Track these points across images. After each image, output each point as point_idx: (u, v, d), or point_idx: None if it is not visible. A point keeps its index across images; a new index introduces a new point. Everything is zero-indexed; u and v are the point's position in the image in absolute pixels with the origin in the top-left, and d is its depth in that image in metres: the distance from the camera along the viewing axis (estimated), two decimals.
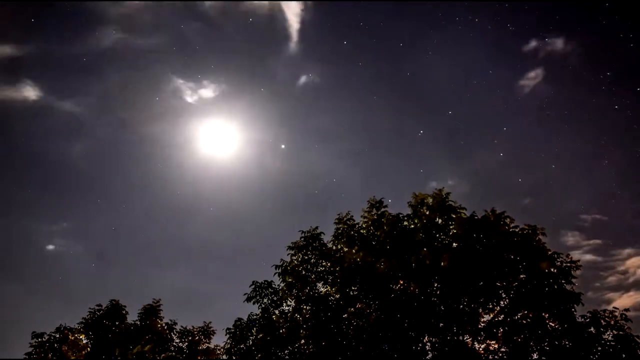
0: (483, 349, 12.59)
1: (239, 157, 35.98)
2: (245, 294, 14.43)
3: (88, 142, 38.50)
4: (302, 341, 13.50)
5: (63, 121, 37.58)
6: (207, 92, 36.03)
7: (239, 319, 14.24)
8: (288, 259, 14.67)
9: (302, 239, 14.79)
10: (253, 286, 14.51)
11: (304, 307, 13.90)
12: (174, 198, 38.49)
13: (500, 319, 12.52)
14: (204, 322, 19.49)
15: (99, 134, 38.18)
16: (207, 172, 36.85)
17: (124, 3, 32.88)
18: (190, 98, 36.28)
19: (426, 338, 12.76)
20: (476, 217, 13.44)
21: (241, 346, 13.82)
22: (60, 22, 33.94)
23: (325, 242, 14.77)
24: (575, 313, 11.98)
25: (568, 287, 12.27)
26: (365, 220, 14.55)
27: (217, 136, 35.19)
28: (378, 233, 13.97)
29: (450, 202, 13.78)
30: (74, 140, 38.42)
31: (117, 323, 18.35)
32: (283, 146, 36.21)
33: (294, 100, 38.03)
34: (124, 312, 18.73)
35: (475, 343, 12.53)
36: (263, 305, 14.32)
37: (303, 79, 37.04)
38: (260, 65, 36.86)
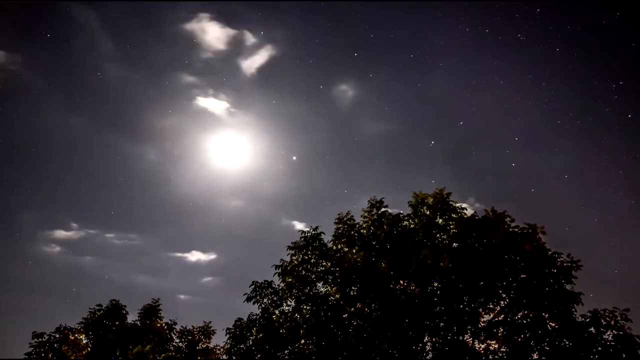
0: (483, 349, 12.59)
1: (251, 169, 36.31)
2: (245, 294, 14.45)
3: (98, 153, 38.68)
4: (302, 341, 13.51)
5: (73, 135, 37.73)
6: (220, 103, 36.17)
7: (239, 319, 14.22)
8: (288, 259, 14.68)
9: (302, 239, 14.79)
10: (253, 286, 14.51)
11: (304, 307, 13.90)
12: (188, 209, 38.73)
13: (500, 318, 12.52)
14: (204, 322, 19.55)
15: (108, 144, 38.32)
16: (220, 184, 37.20)
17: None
18: (202, 109, 36.47)
19: (426, 338, 12.76)
20: (477, 217, 13.44)
21: (241, 346, 13.81)
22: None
23: (325, 242, 14.77)
24: (575, 313, 11.98)
25: (568, 287, 12.27)
26: (365, 220, 14.54)
27: (229, 148, 35.48)
28: (378, 233, 13.96)
29: (450, 202, 13.78)
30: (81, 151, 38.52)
31: (117, 323, 18.36)
32: (294, 157, 36.39)
33: (305, 111, 38.12)
34: (124, 312, 18.74)
35: (475, 343, 12.53)
36: (263, 305, 14.31)
37: (314, 90, 37.09)
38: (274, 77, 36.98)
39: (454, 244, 13.35)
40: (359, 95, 37.77)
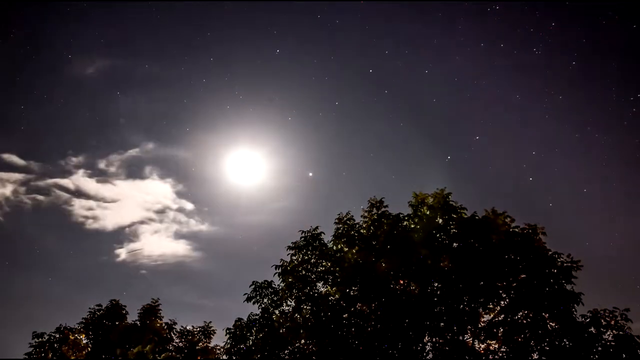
0: (483, 349, 12.59)
1: (267, 185, 36.51)
2: (245, 294, 14.44)
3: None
4: (302, 341, 13.51)
5: None
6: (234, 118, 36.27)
7: (239, 319, 14.22)
8: (288, 259, 14.67)
9: (302, 239, 14.77)
10: (253, 286, 14.50)
11: (304, 307, 13.89)
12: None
13: (500, 318, 12.52)
14: (204, 321, 19.54)
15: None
16: (237, 200, 37.36)
17: None
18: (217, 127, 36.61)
19: (426, 338, 12.76)
20: (477, 217, 13.44)
21: (241, 346, 13.81)
22: None
23: (325, 242, 14.75)
24: (575, 313, 11.98)
25: (568, 287, 12.27)
26: (365, 220, 14.54)
27: (245, 164, 35.58)
28: (378, 233, 13.96)
29: (451, 202, 13.78)
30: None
31: (117, 323, 18.35)
32: (310, 174, 36.50)
33: (321, 128, 38.14)
34: (124, 312, 18.74)
35: (475, 343, 12.53)
36: (263, 305, 14.30)
37: (330, 106, 37.08)
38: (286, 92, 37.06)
39: (454, 244, 13.35)
40: (374, 110, 37.86)
